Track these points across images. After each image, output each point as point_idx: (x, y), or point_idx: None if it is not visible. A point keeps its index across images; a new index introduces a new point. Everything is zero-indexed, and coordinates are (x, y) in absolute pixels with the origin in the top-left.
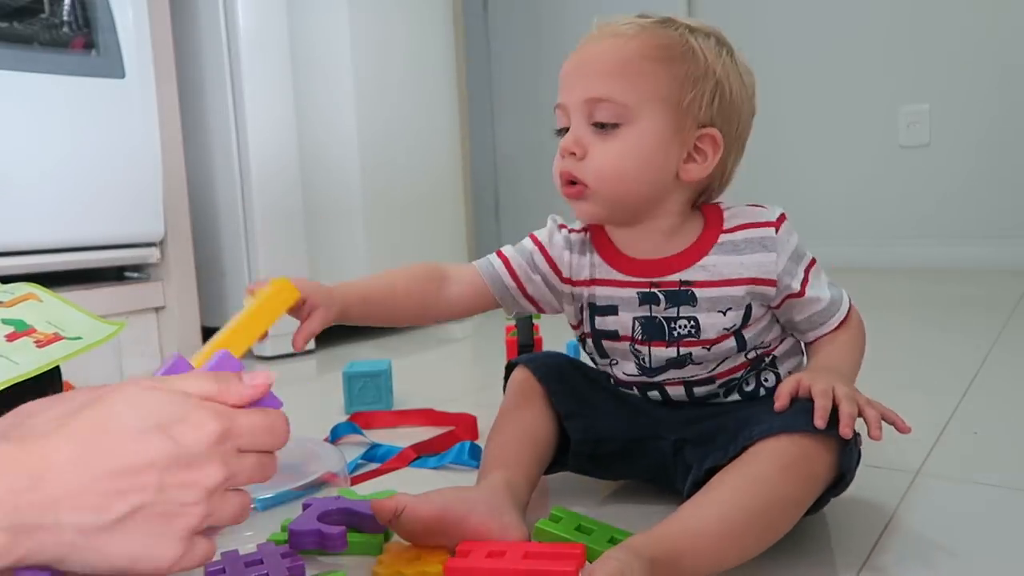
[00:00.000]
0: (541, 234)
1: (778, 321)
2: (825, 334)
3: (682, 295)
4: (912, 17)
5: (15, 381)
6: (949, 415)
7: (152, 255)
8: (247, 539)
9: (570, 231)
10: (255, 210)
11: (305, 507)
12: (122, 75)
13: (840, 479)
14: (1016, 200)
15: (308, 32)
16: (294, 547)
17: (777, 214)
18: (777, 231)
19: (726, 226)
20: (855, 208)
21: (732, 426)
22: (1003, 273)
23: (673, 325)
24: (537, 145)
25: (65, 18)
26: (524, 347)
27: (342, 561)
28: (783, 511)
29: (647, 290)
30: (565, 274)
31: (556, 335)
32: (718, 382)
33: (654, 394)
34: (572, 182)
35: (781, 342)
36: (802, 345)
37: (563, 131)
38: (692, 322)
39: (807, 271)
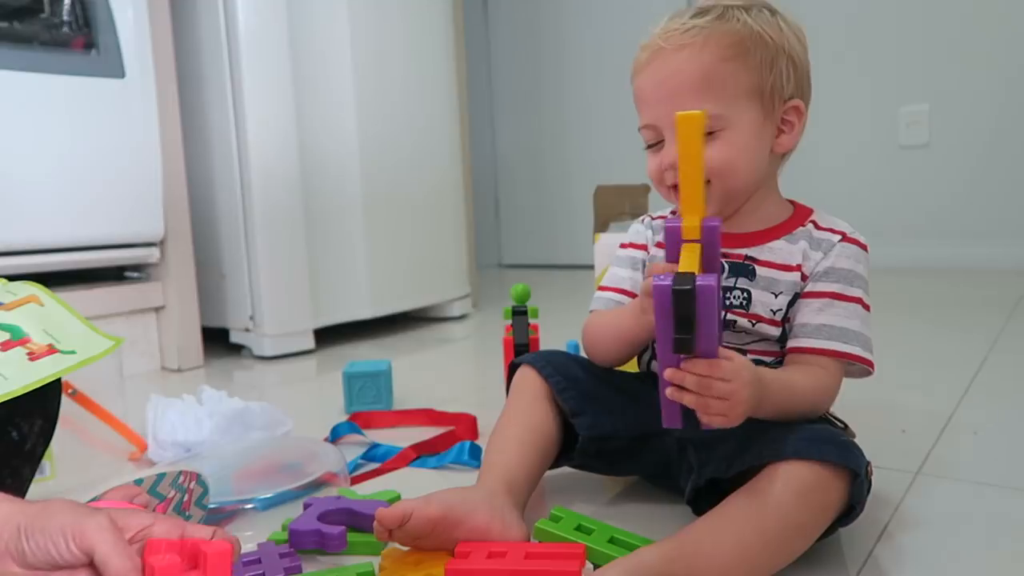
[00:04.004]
0: (624, 238)
1: None
2: (803, 348)
3: (744, 268)
4: (912, 17)
5: (3, 399)
6: (949, 415)
7: (152, 255)
8: (248, 538)
9: (653, 218)
10: (255, 210)
11: (306, 507)
12: (122, 75)
13: (850, 510)
14: (1016, 200)
15: (308, 32)
16: (294, 546)
17: (856, 236)
18: (842, 241)
19: (807, 221)
20: (855, 208)
21: (738, 437)
22: (1003, 273)
23: (727, 294)
24: (537, 145)
25: (65, 18)
26: (520, 347)
27: (342, 561)
28: (796, 538)
29: None
30: (651, 250)
31: (555, 335)
32: (748, 356)
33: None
34: None
35: None
36: None
37: (653, 146)
38: (745, 294)
39: (836, 295)
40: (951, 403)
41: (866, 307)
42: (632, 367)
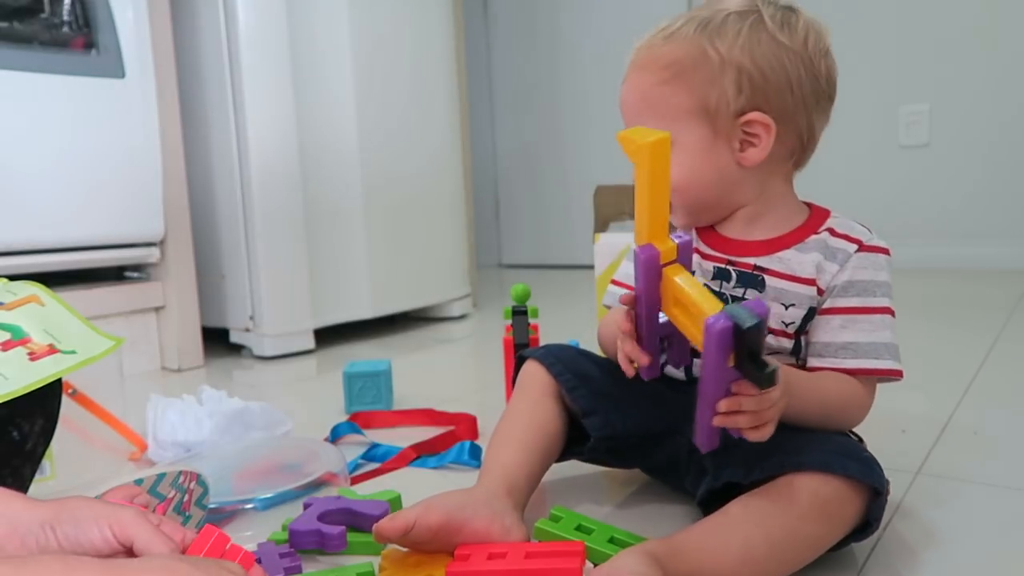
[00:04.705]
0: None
1: None
2: (831, 368)
3: (752, 278)
4: (912, 17)
5: (4, 399)
6: (949, 415)
7: (152, 255)
8: (248, 538)
9: None
10: (255, 210)
11: (306, 507)
12: (122, 75)
13: (866, 525)
14: (1016, 200)
15: (308, 32)
16: (294, 546)
17: (875, 242)
18: (859, 251)
19: (821, 228)
20: (854, 208)
21: (756, 443)
22: (1003, 273)
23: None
24: (537, 145)
25: (65, 18)
26: (520, 347)
27: (342, 561)
28: (805, 548)
29: (723, 266)
30: None
31: (555, 335)
32: None
33: (697, 362)
34: None
35: None
36: None
37: None
38: None
39: (859, 309)
40: (951, 403)
41: (892, 314)
42: None
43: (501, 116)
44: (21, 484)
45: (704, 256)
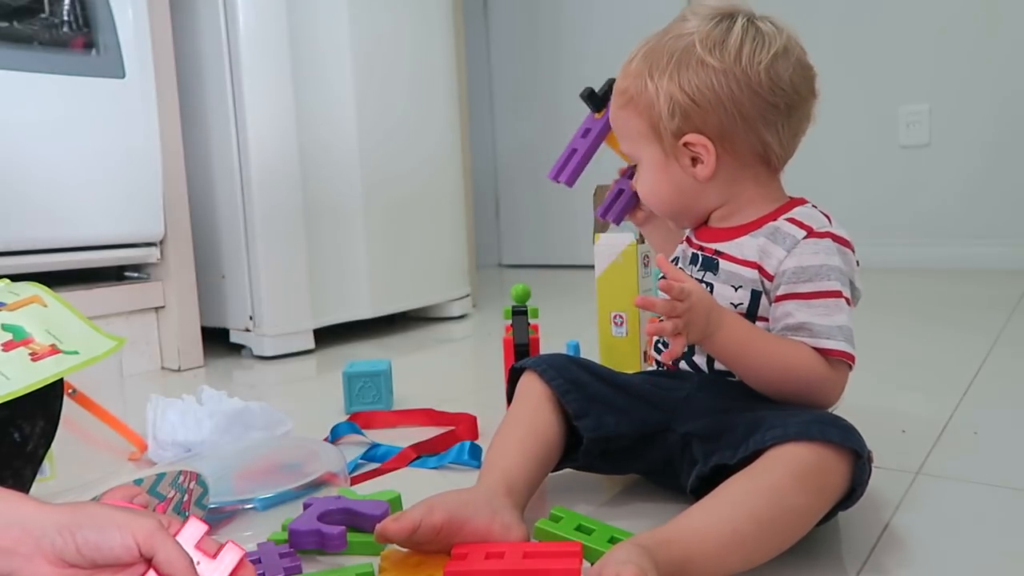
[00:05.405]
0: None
1: None
2: None
3: (710, 262)
4: (912, 17)
5: (5, 399)
6: (949, 415)
7: (152, 255)
8: (247, 539)
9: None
10: (255, 210)
11: (306, 507)
12: (122, 75)
13: (851, 493)
14: (1016, 200)
15: (308, 32)
16: (294, 546)
17: (826, 229)
18: (807, 238)
19: (781, 217)
20: (855, 208)
21: (743, 425)
22: (1003, 273)
23: None
24: (537, 145)
25: (65, 18)
26: (520, 346)
27: (342, 561)
28: (794, 521)
29: (696, 252)
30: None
31: (555, 335)
32: None
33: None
34: None
35: None
36: None
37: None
38: (709, 288)
39: (810, 294)
40: (951, 403)
41: (845, 299)
42: (634, 366)
43: (501, 116)
44: (22, 486)
45: (691, 244)
